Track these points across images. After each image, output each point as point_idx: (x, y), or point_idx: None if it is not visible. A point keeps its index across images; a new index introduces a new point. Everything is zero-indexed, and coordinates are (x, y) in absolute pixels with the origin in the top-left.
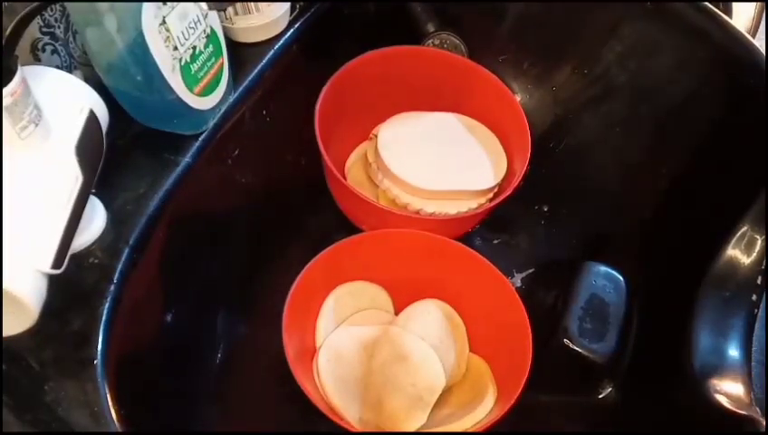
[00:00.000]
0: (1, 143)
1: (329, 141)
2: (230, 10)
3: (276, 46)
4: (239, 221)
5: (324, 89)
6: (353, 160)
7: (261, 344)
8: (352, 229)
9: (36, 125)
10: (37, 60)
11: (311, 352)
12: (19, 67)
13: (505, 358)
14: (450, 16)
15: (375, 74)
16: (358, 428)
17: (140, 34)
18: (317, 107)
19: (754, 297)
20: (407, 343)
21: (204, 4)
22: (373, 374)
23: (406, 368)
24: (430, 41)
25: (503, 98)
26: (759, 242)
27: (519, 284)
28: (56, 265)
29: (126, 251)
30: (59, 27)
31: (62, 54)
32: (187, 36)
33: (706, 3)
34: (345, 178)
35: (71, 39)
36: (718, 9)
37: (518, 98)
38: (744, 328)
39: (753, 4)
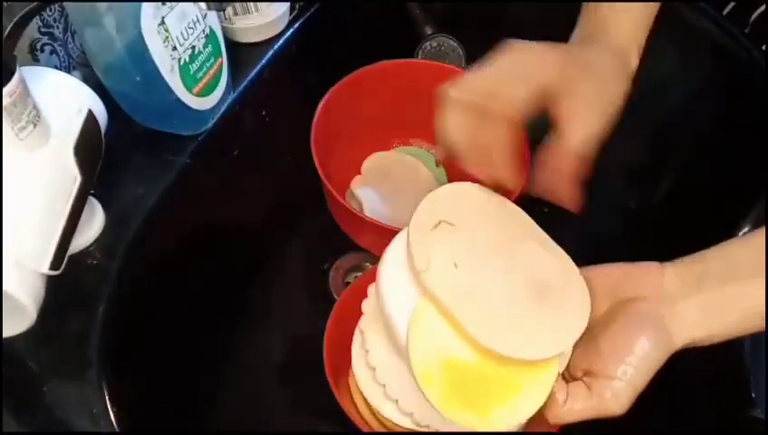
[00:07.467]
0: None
1: (327, 156)
2: (229, 10)
3: (276, 46)
4: (238, 222)
5: (322, 101)
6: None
7: (260, 345)
8: None
9: (35, 126)
10: (36, 60)
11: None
12: (18, 67)
13: None
14: (448, 19)
15: (374, 88)
16: None
17: (139, 35)
18: (314, 121)
19: None
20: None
21: (203, 4)
22: None
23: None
24: (428, 43)
25: None
26: None
27: None
28: (54, 266)
29: (124, 252)
30: (58, 27)
31: (60, 55)
32: (186, 36)
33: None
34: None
35: (69, 39)
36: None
37: None
38: None
39: None
